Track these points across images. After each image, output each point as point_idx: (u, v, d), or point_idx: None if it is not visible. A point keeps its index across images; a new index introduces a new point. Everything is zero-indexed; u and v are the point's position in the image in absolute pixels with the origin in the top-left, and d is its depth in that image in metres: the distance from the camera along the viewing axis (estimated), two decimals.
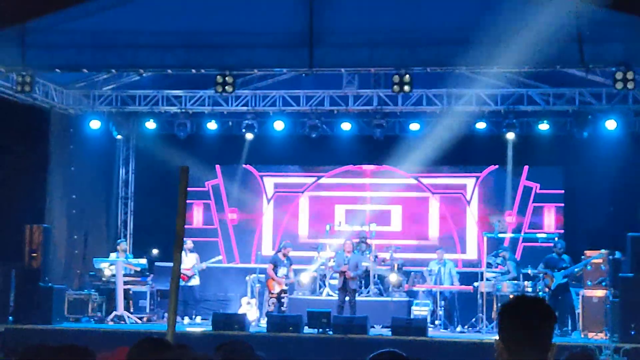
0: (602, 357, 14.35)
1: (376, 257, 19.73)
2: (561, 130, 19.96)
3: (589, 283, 17.77)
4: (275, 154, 21.51)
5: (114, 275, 18.62)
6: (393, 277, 19.29)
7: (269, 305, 18.29)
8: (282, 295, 18.19)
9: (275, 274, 18.19)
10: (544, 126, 19.48)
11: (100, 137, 20.81)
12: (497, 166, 21.34)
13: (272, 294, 18.20)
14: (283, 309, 18.07)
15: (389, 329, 16.54)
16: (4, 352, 13.00)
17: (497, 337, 3.50)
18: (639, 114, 19.62)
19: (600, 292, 17.36)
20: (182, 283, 17.67)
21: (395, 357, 4.32)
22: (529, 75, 18.61)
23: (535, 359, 3.39)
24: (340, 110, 19.80)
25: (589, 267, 17.80)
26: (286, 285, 18.26)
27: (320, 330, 16.40)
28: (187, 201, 5.88)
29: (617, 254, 17.91)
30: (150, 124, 20.72)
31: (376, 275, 19.43)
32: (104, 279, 18.78)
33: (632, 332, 15.07)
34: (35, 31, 16.03)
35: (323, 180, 22.34)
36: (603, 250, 18.04)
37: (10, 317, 17.44)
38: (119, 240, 20.18)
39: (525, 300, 3.57)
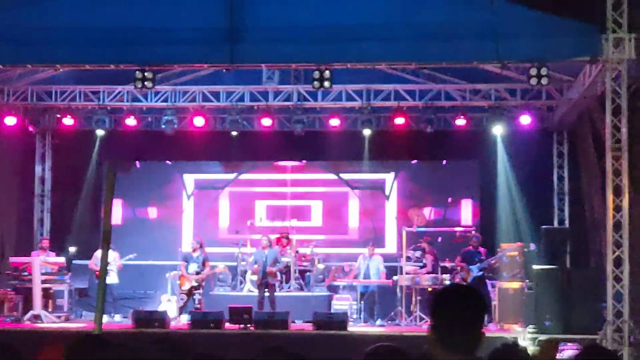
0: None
1: (297, 252, 19.82)
2: (477, 125, 20.30)
3: (505, 275, 18.13)
4: (196, 150, 21.38)
5: (46, 273, 18.38)
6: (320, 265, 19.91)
7: (178, 302, 18.26)
8: (194, 292, 18.10)
9: (186, 270, 18.17)
10: (460, 121, 19.75)
11: (16, 133, 20.41)
12: (415, 161, 21.63)
13: (183, 290, 18.19)
14: (197, 305, 17.97)
15: (311, 323, 16.62)
16: None
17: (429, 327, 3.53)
18: (552, 109, 20.08)
19: (515, 284, 17.72)
20: (96, 281, 17.42)
21: (391, 350, 4.31)
22: (446, 71, 18.91)
23: (468, 346, 3.42)
24: (261, 106, 19.80)
25: (504, 260, 18.17)
26: (196, 282, 18.13)
27: (242, 326, 16.40)
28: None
29: (532, 247, 18.35)
30: (68, 120, 20.36)
31: (297, 271, 19.52)
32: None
33: (547, 323, 15.42)
34: None
35: (243, 176, 22.32)
36: (518, 243, 18.46)
37: None
38: (40, 237, 19.80)
39: (458, 289, 3.63)
